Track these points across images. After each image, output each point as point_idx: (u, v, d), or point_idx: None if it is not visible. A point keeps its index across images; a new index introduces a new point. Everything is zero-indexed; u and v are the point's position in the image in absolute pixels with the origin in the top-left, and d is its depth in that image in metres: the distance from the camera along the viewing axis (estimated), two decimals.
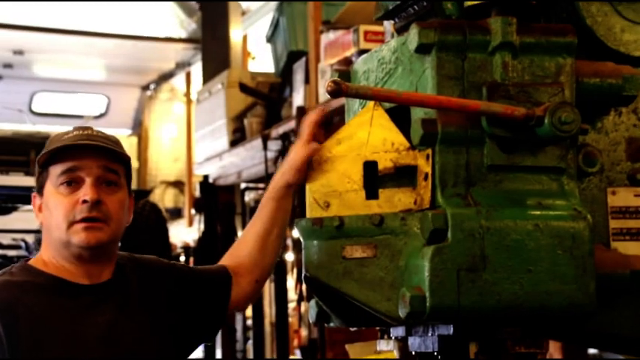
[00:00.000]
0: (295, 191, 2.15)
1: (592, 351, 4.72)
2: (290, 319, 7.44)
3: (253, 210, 7.81)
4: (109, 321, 2.02)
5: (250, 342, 7.88)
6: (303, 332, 7.12)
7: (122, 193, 2.09)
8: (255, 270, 2.22)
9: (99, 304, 2.04)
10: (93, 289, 2.05)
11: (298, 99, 6.26)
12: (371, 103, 2.02)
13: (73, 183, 2.03)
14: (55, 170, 2.04)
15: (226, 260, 2.26)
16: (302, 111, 5.96)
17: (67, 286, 2.04)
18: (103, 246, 2.05)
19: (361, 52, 5.02)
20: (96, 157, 2.04)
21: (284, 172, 2.12)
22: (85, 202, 2.01)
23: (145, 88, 12.78)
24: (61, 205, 2.02)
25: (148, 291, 2.11)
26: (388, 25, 4.07)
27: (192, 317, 2.16)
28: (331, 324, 2.14)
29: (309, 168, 2.04)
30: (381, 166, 1.96)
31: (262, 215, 2.20)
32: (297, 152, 2.06)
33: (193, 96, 10.06)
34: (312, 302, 2.13)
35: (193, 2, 10.19)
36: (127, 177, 2.13)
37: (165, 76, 12.33)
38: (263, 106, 7.12)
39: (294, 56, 6.78)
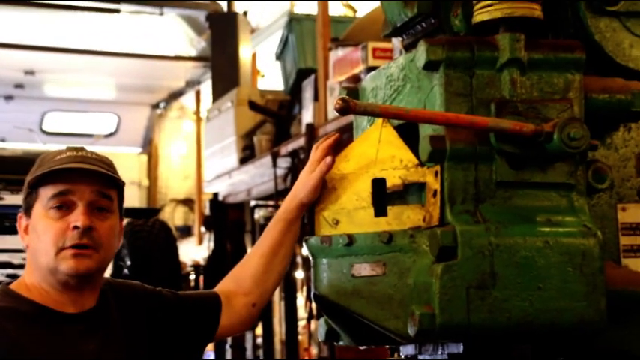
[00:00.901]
0: (304, 211, 2.13)
1: None
2: (300, 337, 7.42)
3: (263, 227, 7.79)
4: (92, 351, 1.97)
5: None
6: (313, 350, 7.10)
7: (114, 218, 2.03)
8: (255, 292, 2.18)
9: (82, 334, 1.98)
10: (77, 318, 1.99)
11: (307, 116, 6.27)
12: (379, 121, 2.02)
13: (64, 207, 1.96)
14: (46, 192, 1.96)
15: (227, 280, 2.22)
16: (311, 128, 5.96)
17: (51, 314, 1.97)
18: (92, 274, 2.00)
19: (370, 69, 5.03)
20: (90, 182, 1.97)
21: (297, 193, 2.08)
22: (76, 228, 1.94)
23: (155, 106, 12.84)
24: (50, 229, 1.95)
25: (130, 318, 2.06)
26: (397, 43, 4.08)
27: (174, 345, 2.11)
28: (341, 342, 2.12)
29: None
30: (389, 184, 1.95)
31: (270, 236, 2.18)
32: (310, 172, 2.04)
33: (203, 114, 10.10)
34: (322, 320, 2.13)
35: (202, 21, 10.24)
36: (120, 202, 2.06)
37: (175, 95, 12.39)
38: (272, 123, 7.13)
39: (303, 74, 6.80)
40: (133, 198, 12.61)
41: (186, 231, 11.81)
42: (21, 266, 6.51)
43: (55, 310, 1.98)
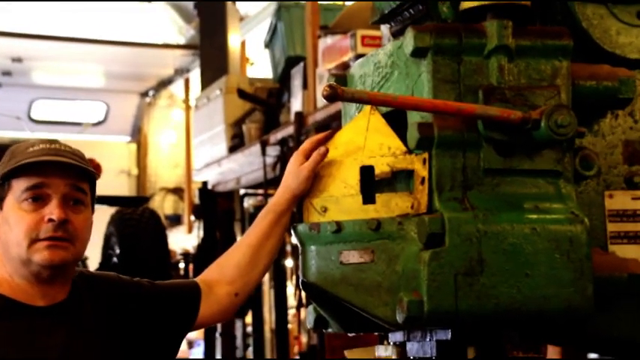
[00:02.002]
0: (296, 202, 2.12)
1: (592, 355, 4.71)
2: (290, 326, 7.43)
3: (252, 216, 7.82)
4: (61, 344, 1.95)
5: (250, 349, 7.87)
6: (303, 338, 7.11)
7: (87, 211, 2.01)
8: (238, 281, 2.16)
9: (51, 327, 1.96)
10: (46, 312, 1.97)
11: (296, 104, 6.26)
12: (367, 108, 2.01)
13: (38, 199, 1.94)
14: (19, 185, 1.94)
15: (211, 269, 2.21)
16: (300, 116, 5.96)
17: (20, 308, 1.95)
18: (66, 265, 1.98)
19: (359, 56, 5.02)
20: (64, 175, 1.95)
21: (289, 185, 2.07)
22: (50, 220, 1.92)
23: (144, 94, 12.80)
24: (23, 221, 1.93)
25: (103, 311, 2.04)
26: (386, 30, 4.07)
27: (151, 335, 2.09)
28: (329, 329, 2.13)
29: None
30: (377, 171, 1.95)
31: (259, 227, 2.16)
32: (300, 163, 2.04)
33: (192, 102, 10.07)
34: (310, 308, 2.13)
35: (191, 8, 10.20)
36: (92, 194, 2.05)
37: (164, 83, 12.35)
38: (261, 111, 7.12)
39: (292, 61, 6.78)
40: (122, 186, 12.59)
41: (175, 219, 11.79)
42: None
43: (24, 304, 1.96)
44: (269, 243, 2.16)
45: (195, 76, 10.56)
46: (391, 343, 2.16)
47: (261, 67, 9.26)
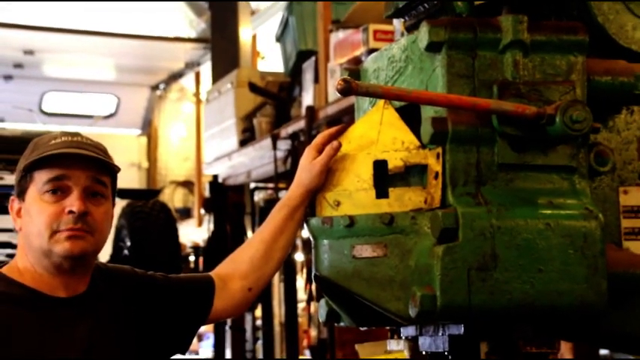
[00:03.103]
0: (310, 197, 2.12)
1: (603, 351, 4.70)
2: (299, 319, 7.43)
3: (262, 210, 7.82)
4: (83, 336, 1.96)
5: (260, 342, 7.88)
6: (313, 332, 7.12)
7: (108, 204, 2.03)
8: (252, 276, 2.17)
9: (74, 319, 1.98)
10: (69, 303, 1.99)
11: (308, 98, 6.25)
12: (381, 102, 2.01)
13: (59, 191, 1.96)
14: (41, 176, 1.97)
15: (225, 263, 2.22)
16: (311, 110, 5.95)
17: (43, 299, 1.97)
18: (86, 256, 2.00)
19: (370, 51, 5.01)
20: (85, 167, 1.97)
21: (302, 180, 2.07)
22: (71, 212, 1.94)
23: (155, 87, 12.81)
24: (44, 212, 1.95)
25: (120, 303, 2.06)
26: (398, 24, 4.07)
27: (166, 328, 2.11)
28: (341, 323, 2.13)
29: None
30: (391, 165, 1.95)
31: (273, 222, 2.16)
32: (312, 157, 2.03)
33: (203, 96, 10.08)
34: (322, 302, 2.13)
35: (203, 2, 10.20)
36: (113, 187, 2.07)
37: (175, 76, 12.35)
38: (272, 105, 7.12)
39: (303, 56, 6.77)
40: (133, 179, 12.61)
41: (185, 213, 11.81)
42: None
43: (47, 295, 1.98)
44: (282, 238, 2.17)
45: (206, 69, 10.57)
46: (402, 338, 2.16)
47: (272, 61, 9.26)
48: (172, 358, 2.18)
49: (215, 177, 7.97)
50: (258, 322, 7.96)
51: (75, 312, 1.99)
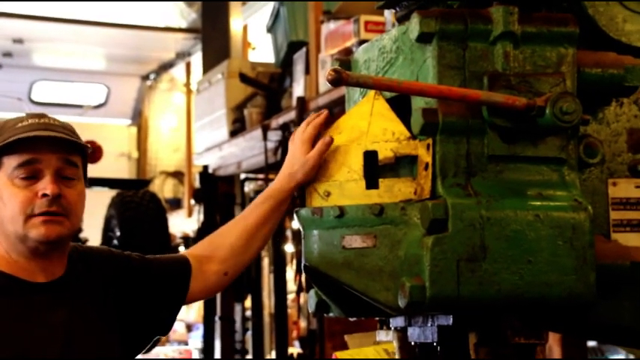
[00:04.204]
0: (297, 189, 2.11)
1: (591, 343, 4.72)
2: (289, 311, 7.44)
3: (253, 200, 7.80)
4: (62, 320, 1.95)
5: (249, 333, 7.89)
6: (302, 323, 7.13)
7: (80, 185, 2.01)
8: (230, 261, 2.16)
9: (52, 303, 1.97)
10: (46, 287, 1.98)
11: (298, 89, 6.24)
12: (371, 93, 2.01)
13: (31, 175, 1.94)
14: (11, 161, 1.94)
15: (203, 244, 2.21)
16: (302, 101, 5.94)
17: (19, 284, 1.96)
18: (62, 240, 1.98)
19: (362, 42, 4.99)
20: (55, 149, 1.95)
21: (294, 173, 2.05)
22: (45, 195, 1.92)
23: (145, 77, 12.77)
24: (17, 197, 1.92)
25: (98, 285, 2.05)
26: (389, 16, 4.07)
27: (144, 310, 2.09)
28: (330, 314, 2.13)
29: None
30: (381, 156, 1.95)
31: (258, 211, 2.15)
32: (305, 151, 2.02)
33: (193, 86, 10.05)
34: (312, 292, 2.13)
35: None
36: (84, 167, 2.05)
37: (165, 66, 12.31)
38: (263, 96, 7.10)
39: (294, 46, 6.76)
40: (123, 169, 12.58)
41: (175, 203, 11.79)
42: None
43: (24, 280, 1.97)
44: (265, 228, 2.17)
45: (197, 59, 10.54)
46: (392, 328, 2.17)
47: (263, 51, 9.24)
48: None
49: (205, 167, 7.96)
50: (248, 313, 7.96)
51: (53, 296, 1.98)
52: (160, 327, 2.15)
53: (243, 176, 7.75)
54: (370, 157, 1.96)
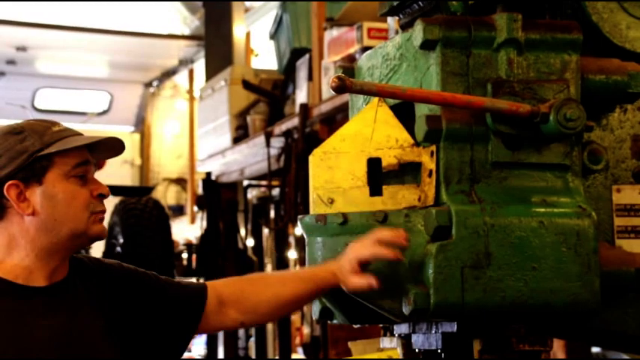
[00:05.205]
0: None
1: (595, 349, 4.71)
2: (292, 317, 7.43)
3: (255, 207, 7.82)
4: (62, 323, 1.95)
5: (252, 340, 7.88)
6: (305, 330, 7.12)
7: None
8: (250, 316, 2.12)
9: (52, 306, 1.97)
10: (46, 291, 1.98)
11: (301, 96, 6.25)
12: (375, 100, 2.01)
13: (84, 176, 2.03)
14: (67, 161, 1.99)
15: (233, 286, 2.14)
16: (305, 108, 5.95)
17: (17, 288, 1.96)
18: None
19: (364, 49, 5.00)
20: (91, 154, 2.05)
21: (344, 280, 1.97)
22: (101, 195, 2.03)
23: (148, 85, 12.78)
24: (79, 195, 1.99)
25: (99, 294, 2.04)
26: (392, 22, 4.07)
27: (149, 330, 2.06)
28: (334, 321, 2.13)
29: (313, 165, 2.03)
30: (385, 163, 1.95)
31: (296, 289, 2.08)
32: (361, 260, 1.93)
33: (196, 93, 10.06)
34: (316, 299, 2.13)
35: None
36: None
37: (168, 73, 12.33)
38: (266, 103, 7.11)
39: (297, 53, 6.77)
40: (126, 176, 12.58)
41: (178, 210, 11.79)
42: None
43: (22, 285, 1.97)
44: (296, 306, 2.15)
45: (200, 66, 10.56)
46: (395, 335, 2.16)
47: (266, 58, 9.25)
48: None
49: (208, 174, 7.96)
50: None
51: (51, 300, 1.97)
52: (167, 352, 2.11)
53: (246, 183, 7.75)
54: (374, 164, 1.96)
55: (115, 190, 7.59)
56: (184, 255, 8.53)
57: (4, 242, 2.00)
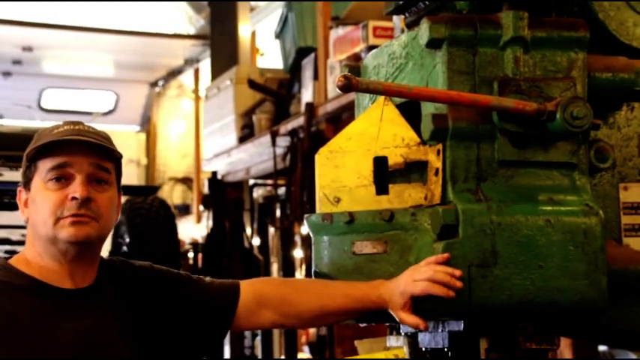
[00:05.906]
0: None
1: (602, 348, 4.71)
2: None
3: (261, 206, 7.83)
4: (87, 327, 1.95)
5: (258, 338, 7.89)
6: (312, 329, 7.12)
7: (112, 191, 2.02)
8: (292, 321, 2.10)
9: (78, 310, 1.96)
10: (74, 294, 1.98)
11: (307, 95, 6.25)
12: (381, 99, 2.01)
13: (62, 179, 1.97)
14: (45, 165, 1.98)
15: (278, 290, 2.10)
16: (311, 107, 5.95)
17: (47, 289, 1.97)
18: (91, 242, 1.98)
19: (370, 47, 5.00)
20: (87, 154, 1.98)
21: (393, 305, 1.93)
22: (74, 199, 1.95)
23: (154, 84, 12.80)
24: (49, 200, 1.96)
25: (133, 299, 2.03)
26: (397, 21, 4.07)
27: (184, 331, 2.06)
28: None
29: (319, 164, 2.04)
30: (391, 162, 1.95)
31: (343, 304, 2.03)
32: (412, 292, 1.89)
33: (202, 92, 10.07)
34: None
35: None
36: (118, 174, 2.06)
37: (174, 73, 12.34)
38: (272, 102, 7.11)
39: (302, 52, 6.76)
40: (132, 176, 12.59)
41: (184, 209, 11.80)
42: (19, 242, 6.52)
43: (52, 286, 1.98)
44: (340, 319, 2.10)
45: (206, 66, 10.56)
46: (402, 334, 2.16)
47: (271, 57, 9.25)
48: None
49: (214, 173, 7.97)
50: None
51: (79, 303, 1.97)
52: (199, 352, 2.09)
53: (252, 182, 7.76)
54: (380, 162, 1.96)
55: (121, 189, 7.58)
56: (190, 254, 8.54)
57: (28, 244, 2.05)
